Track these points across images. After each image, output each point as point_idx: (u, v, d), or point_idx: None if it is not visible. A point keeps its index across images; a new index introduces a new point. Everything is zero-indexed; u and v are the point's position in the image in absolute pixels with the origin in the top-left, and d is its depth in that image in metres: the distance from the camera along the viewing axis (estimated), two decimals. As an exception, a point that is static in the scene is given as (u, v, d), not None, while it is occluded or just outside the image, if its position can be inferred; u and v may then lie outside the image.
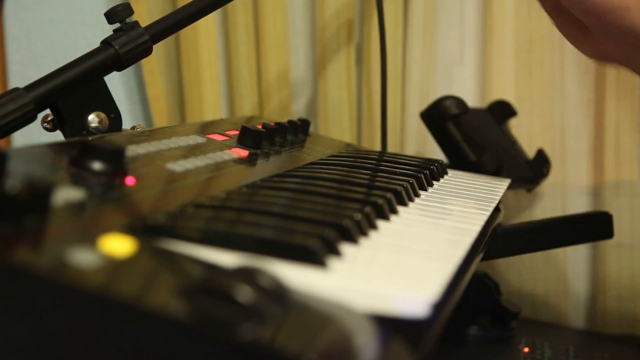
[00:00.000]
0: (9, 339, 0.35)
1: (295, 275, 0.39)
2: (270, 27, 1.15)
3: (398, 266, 0.45)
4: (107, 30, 0.72)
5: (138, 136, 0.64)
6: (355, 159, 0.80)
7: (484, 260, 0.69)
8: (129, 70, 1.20)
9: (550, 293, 1.11)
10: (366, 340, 0.37)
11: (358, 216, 0.50)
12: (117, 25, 0.71)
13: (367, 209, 0.52)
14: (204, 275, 0.35)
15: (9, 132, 0.61)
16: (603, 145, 1.08)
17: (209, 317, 0.33)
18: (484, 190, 0.75)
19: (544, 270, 1.11)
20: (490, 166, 0.93)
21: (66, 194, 0.44)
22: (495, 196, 0.72)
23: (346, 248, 0.46)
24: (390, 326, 0.38)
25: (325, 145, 0.89)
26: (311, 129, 0.93)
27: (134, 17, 0.71)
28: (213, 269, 0.38)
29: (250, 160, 0.69)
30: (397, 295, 0.40)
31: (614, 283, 1.08)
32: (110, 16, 0.70)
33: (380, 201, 0.56)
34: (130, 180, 0.51)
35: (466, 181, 0.80)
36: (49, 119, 0.69)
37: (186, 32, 1.14)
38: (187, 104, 1.18)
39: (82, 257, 0.36)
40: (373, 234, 0.51)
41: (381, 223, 0.54)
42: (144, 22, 0.72)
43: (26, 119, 0.62)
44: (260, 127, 0.76)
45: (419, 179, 0.70)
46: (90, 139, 0.59)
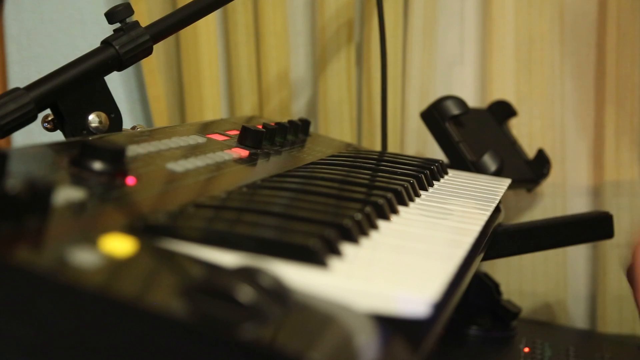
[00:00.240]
0: (9, 339, 0.35)
1: (296, 275, 0.39)
2: (270, 27, 1.15)
3: (399, 266, 0.45)
4: (107, 30, 0.72)
5: (138, 136, 0.64)
6: (356, 159, 0.80)
7: (484, 260, 0.69)
8: (129, 70, 1.20)
9: (550, 293, 1.11)
10: (367, 340, 0.37)
11: (358, 216, 0.50)
12: (117, 25, 0.71)
13: (368, 208, 0.52)
14: (205, 275, 0.35)
15: (9, 132, 0.61)
16: (603, 145, 1.08)
17: (210, 317, 0.33)
18: (484, 190, 0.75)
19: (544, 270, 1.11)
20: (490, 166, 0.93)
21: (66, 194, 0.44)
22: (495, 196, 0.72)
23: (347, 248, 0.46)
24: (390, 326, 0.38)
25: (325, 145, 0.89)
26: (311, 129, 0.93)
27: (134, 17, 0.71)
28: (213, 269, 0.38)
29: (250, 160, 0.69)
30: (398, 295, 0.40)
31: (614, 283, 1.08)
32: (111, 16, 0.70)
33: (380, 201, 0.56)
34: (130, 180, 0.51)
35: (466, 181, 0.80)
36: (49, 119, 0.69)
37: (186, 32, 1.14)
38: (187, 104, 1.18)
39: (82, 257, 0.36)
40: (374, 234, 0.51)
41: (382, 223, 0.54)
42: (144, 22, 0.72)
43: (26, 119, 0.62)
44: (260, 127, 0.76)
45: (419, 179, 0.70)
46: (90, 139, 0.59)
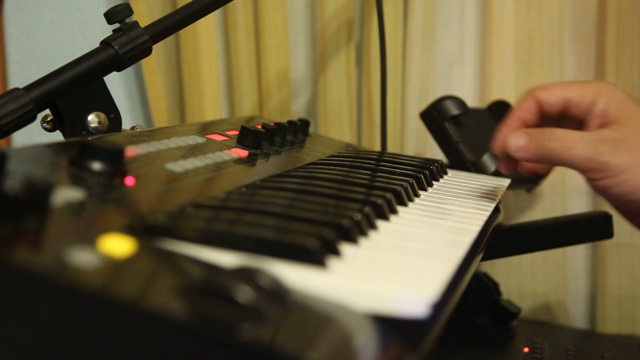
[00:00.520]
0: (9, 339, 0.35)
1: (295, 276, 0.39)
2: (270, 27, 1.15)
3: (398, 266, 0.45)
4: (107, 30, 0.72)
5: (138, 136, 0.64)
6: (355, 159, 0.80)
7: (483, 260, 0.69)
8: (129, 70, 1.20)
9: (550, 293, 1.11)
10: (366, 341, 0.37)
11: (358, 216, 0.50)
12: (117, 25, 0.71)
13: (367, 209, 0.52)
14: (204, 276, 0.35)
15: (9, 132, 0.61)
16: (603, 145, 1.07)
17: (209, 317, 0.33)
18: (484, 190, 0.75)
19: (544, 270, 1.11)
20: (490, 166, 0.92)
21: (66, 194, 0.44)
22: (495, 196, 0.72)
23: (346, 248, 0.46)
24: (389, 326, 0.38)
25: (325, 145, 0.89)
26: (311, 129, 0.93)
27: (134, 17, 0.71)
28: (213, 269, 0.38)
29: (249, 161, 0.69)
30: (397, 296, 0.40)
31: (614, 283, 1.08)
32: (110, 16, 0.70)
33: (379, 201, 0.56)
34: (130, 181, 0.51)
35: (466, 181, 0.80)
36: (49, 119, 0.69)
37: (186, 32, 1.14)
38: (187, 104, 1.18)
39: (81, 257, 0.36)
40: (373, 234, 0.51)
41: (381, 223, 0.54)
42: (143, 22, 0.72)
43: (26, 119, 0.62)
44: (260, 127, 0.76)
45: (418, 179, 0.70)
46: (89, 139, 0.59)
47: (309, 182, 0.64)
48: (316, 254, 0.42)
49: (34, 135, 0.80)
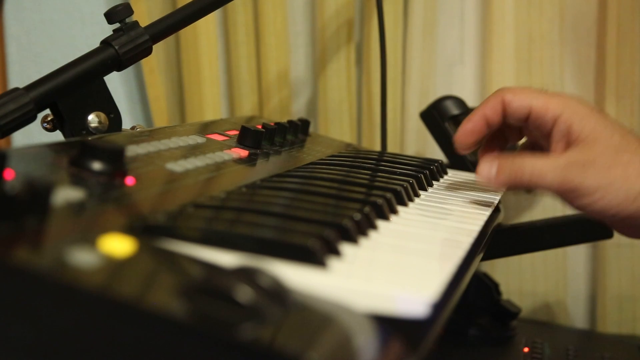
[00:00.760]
0: (9, 339, 0.35)
1: (295, 276, 0.39)
2: (270, 27, 1.15)
3: (398, 266, 0.45)
4: (107, 30, 0.72)
5: (138, 136, 0.64)
6: (355, 159, 0.80)
7: (483, 260, 0.69)
8: (129, 70, 1.20)
9: (550, 293, 1.11)
10: (366, 340, 0.37)
11: (358, 216, 0.50)
12: (117, 25, 0.71)
13: (367, 209, 0.52)
14: (204, 276, 0.35)
15: (9, 132, 0.61)
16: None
17: (209, 317, 0.33)
18: (483, 190, 0.75)
19: (544, 270, 1.11)
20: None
21: (66, 194, 0.44)
22: (495, 196, 0.72)
23: (346, 248, 0.46)
24: (390, 326, 0.38)
25: (325, 145, 0.89)
26: (311, 129, 0.93)
27: (134, 17, 0.71)
28: (213, 269, 0.38)
29: (250, 160, 0.69)
30: (397, 295, 0.40)
31: (614, 283, 1.08)
32: (110, 16, 0.70)
33: (379, 201, 0.56)
34: (130, 180, 0.51)
35: (466, 181, 0.80)
36: (49, 119, 0.69)
37: (186, 32, 1.14)
38: (187, 104, 1.18)
39: (82, 257, 0.36)
40: (373, 234, 0.51)
41: (381, 223, 0.54)
42: (144, 22, 0.72)
43: (26, 119, 0.62)
44: (260, 127, 0.76)
45: (418, 179, 0.71)
46: (90, 139, 0.59)
47: (309, 182, 0.64)
48: (316, 254, 0.42)
49: (34, 135, 0.80)
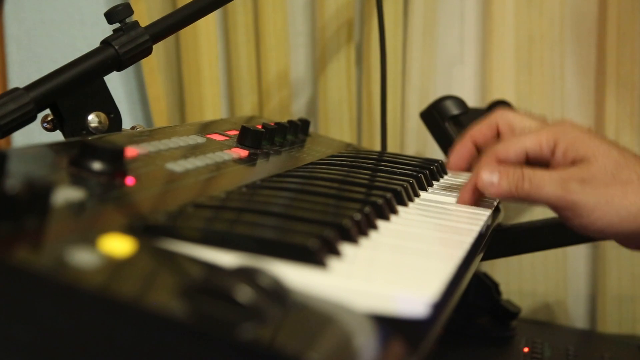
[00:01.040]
0: (9, 339, 0.35)
1: (295, 276, 0.39)
2: (270, 27, 1.15)
3: (398, 266, 0.45)
4: (107, 30, 0.72)
5: (138, 136, 0.64)
6: (355, 159, 0.80)
7: (483, 260, 0.69)
8: (129, 70, 1.20)
9: (550, 293, 1.11)
10: (366, 340, 0.37)
11: (358, 216, 0.50)
12: (117, 25, 0.70)
13: (367, 209, 0.52)
14: (204, 275, 0.35)
15: (9, 132, 0.61)
16: (603, 145, 1.07)
17: (209, 317, 0.33)
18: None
19: (544, 270, 1.11)
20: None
21: (66, 194, 0.44)
22: (495, 196, 0.72)
23: (346, 248, 0.46)
24: (390, 326, 0.38)
25: (325, 145, 0.89)
26: (311, 129, 0.93)
27: (134, 17, 0.71)
28: (213, 269, 0.38)
29: (250, 160, 0.69)
30: (397, 295, 0.40)
31: (614, 283, 1.08)
32: (110, 16, 0.70)
33: (380, 201, 0.56)
34: (130, 180, 0.51)
35: (466, 181, 0.80)
36: (49, 119, 0.69)
37: (186, 32, 1.14)
38: (187, 104, 1.18)
39: (82, 257, 0.36)
40: (373, 234, 0.51)
41: (381, 223, 0.54)
42: (144, 22, 0.72)
43: (26, 119, 0.62)
44: (260, 127, 0.76)
45: (418, 179, 0.70)
46: (90, 139, 0.59)
47: (309, 182, 0.64)
48: (316, 254, 0.42)
49: (34, 135, 0.80)
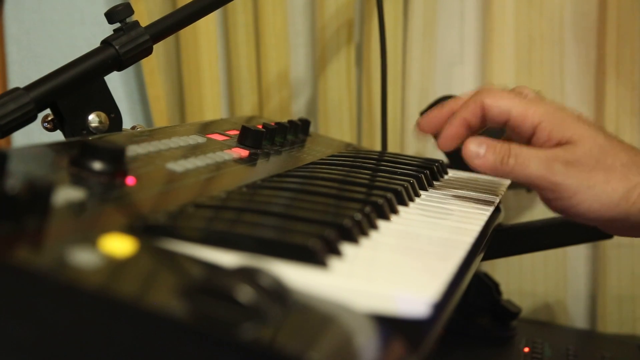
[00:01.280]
0: (9, 339, 0.35)
1: (296, 275, 0.39)
2: (270, 27, 1.15)
3: (398, 266, 0.45)
4: (107, 30, 0.72)
5: (138, 136, 0.64)
6: (355, 159, 0.80)
7: (484, 260, 0.69)
8: (129, 70, 1.20)
9: (550, 293, 1.11)
10: (367, 340, 0.37)
11: (358, 216, 0.50)
12: (117, 25, 0.70)
13: (368, 208, 0.52)
14: (205, 275, 0.35)
15: (9, 132, 0.61)
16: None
17: (210, 317, 0.33)
18: (484, 190, 0.75)
19: (544, 270, 1.11)
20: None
21: (66, 194, 0.44)
22: (495, 196, 0.72)
23: (346, 248, 0.46)
24: (390, 326, 0.38)
25: (325, 145, 0.89)
26: (311, 128, 0.93)
27: (134, 17, 0.71)
28: (213, 269, 0.38)
29: (250, 160, 0.69)
30: (398, 295, 0.40)
31: (614, 283, 1.08)
32: (110, 16, 0.70)
33: (380, 201, 0.56)
34: (130, 180, 0.51)
35: (466, 181, 0.80)
36: (49, 118, 0.69)
37: (186, 32, 1.14)
38: (187, 104, 1.18)
39: (82, 257, 0.36)
40: (373, 234, 0.51)
41: (381, 223, 0.54)
42: (144, 22, 0.72)
43: (26, 119, 0.62)
44: (260, 127, 0.76)
45: (419, 178, 0.70)
46: (90, 138, 0.59)
47: (310, 182, 0.64)
48: (317, 254, 0.42)
49: (34, 135, 0.80)
